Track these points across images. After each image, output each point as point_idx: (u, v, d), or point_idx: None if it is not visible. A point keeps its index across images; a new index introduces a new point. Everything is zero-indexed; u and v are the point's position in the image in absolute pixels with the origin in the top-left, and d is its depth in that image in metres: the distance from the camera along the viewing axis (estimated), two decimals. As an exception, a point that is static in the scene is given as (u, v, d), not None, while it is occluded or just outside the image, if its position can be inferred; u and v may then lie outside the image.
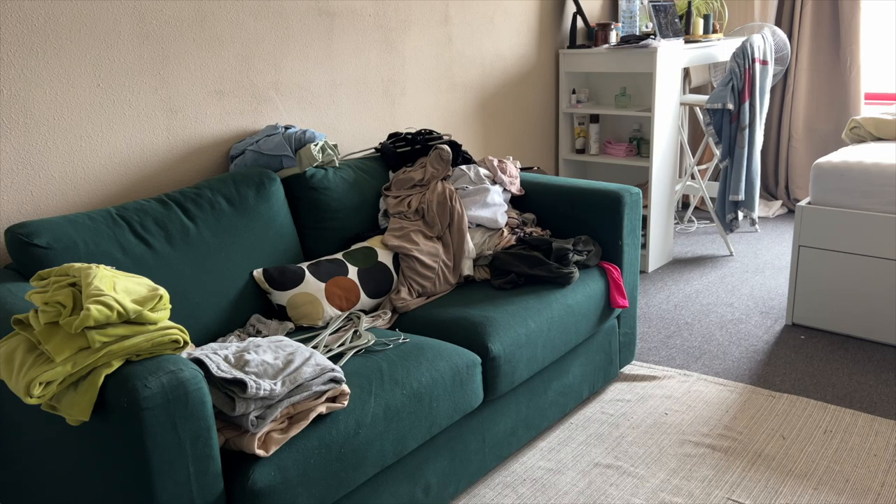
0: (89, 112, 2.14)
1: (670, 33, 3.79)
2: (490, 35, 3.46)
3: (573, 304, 2.32)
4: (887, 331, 2.90)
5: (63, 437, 1.53)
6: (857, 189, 2.87)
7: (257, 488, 1.49)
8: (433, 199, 2.54)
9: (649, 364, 2.86)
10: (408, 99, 3.11)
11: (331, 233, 2.45)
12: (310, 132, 2.48)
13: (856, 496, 2.06)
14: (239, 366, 1.58)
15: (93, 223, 1.94)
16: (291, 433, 1.57)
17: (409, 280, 2.36)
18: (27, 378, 1.37)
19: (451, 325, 2.13)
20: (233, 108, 2.49)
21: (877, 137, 3.36)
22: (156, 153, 2.31)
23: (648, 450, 2.31)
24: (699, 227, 4.62)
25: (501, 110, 3.62)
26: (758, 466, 2.20)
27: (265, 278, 2.17)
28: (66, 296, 1.42)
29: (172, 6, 2.27)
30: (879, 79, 4.49)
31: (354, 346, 1.94)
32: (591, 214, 2.60)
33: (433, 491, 1.98)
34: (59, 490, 1.63)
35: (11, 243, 1.85)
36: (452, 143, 2.72)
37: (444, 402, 1.88)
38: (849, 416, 2.44)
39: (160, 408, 1.35)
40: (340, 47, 2.79)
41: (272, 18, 2.54)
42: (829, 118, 4.48)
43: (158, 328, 1.44)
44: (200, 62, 2.37)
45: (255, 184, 2.27)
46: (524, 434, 2.28)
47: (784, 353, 2.90)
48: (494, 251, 2.52)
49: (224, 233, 2.15)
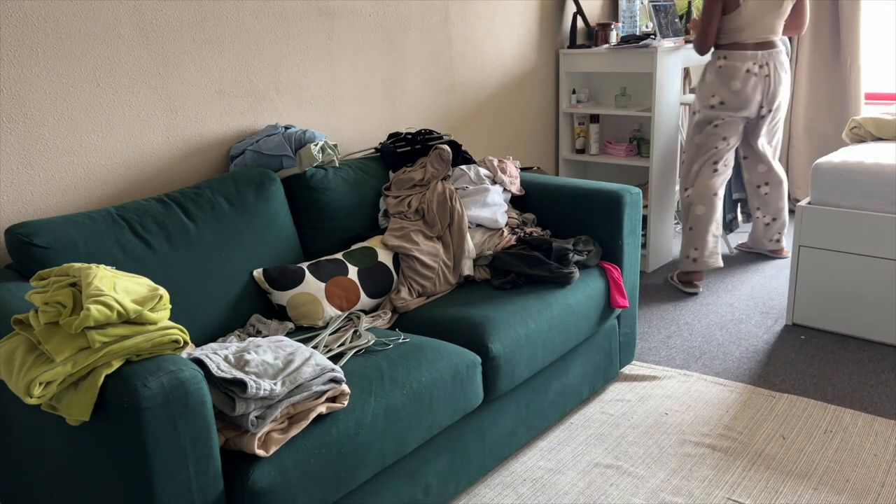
0: (89, 112, 2.14)
1: (670, 33, 3.79)
2: (490, 35, 3.46)
3: (573, 304, 2.32)
4: (887, 331, 2.90)
5: (63, 437, 1.53)
6: (857, 189, 2.87)
7: (257, 488, 1.49)
8: (433, 199, 2.54)
9: (649, 364, 2.86)
10: (408, 99, 3.11)
11: (331, 233, 2.46)
12: (310, 132, 2.48)
13: (856, 496, 2.06)
14: (239, 366, 1.58)
15: (93, 223, 1.94)
16: (291, 433, 1.57)
17: (409, 280, 2.36)
18: (27, 378, 1.37)
19: (451, 325, 2.13)
20: (233, 108, 2.49)
21: (877, 137, 3.36)
22: (156, 153, 2.31)
23: (648, 450, 2.31)
24: (699, 227, 4.62)
25: (501, 110, 3.62)
26: (758, 466, 2.20)
27: (265, 278, 2.17)
28: (66, 296, 1.42)
29: (172, 6, 2.27)
30: (879, 79, 4.48)
31: (354, 346, 1.94)
32: (591, 214, 2.60)
33: (433, 491, 1.98)
34: (59, 490, 1.63)
35: (11, 243, 1.85)
36: (452, 142, 2.72)
37: (444, 402, 1.88)
38: (849, 416, 2.44)
39: (160, 408, 1.35)
40: (340, 47, 2.79)
41: (272, 18, 2.54)
42: (829, 118, 4.48)
43: (158, 328, 1.44)
44: (200, 62, 2.37)
45: (255, 184, 2.27)
46: (524, 434, 2.28)
47: (784, 353, 2.90)
48: (494, 251, 2.52)
49: (224, 233, 2.15)
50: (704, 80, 3.41)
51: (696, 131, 3.47)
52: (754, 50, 3.31)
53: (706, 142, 3.43)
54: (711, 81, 3.37)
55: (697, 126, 3.46)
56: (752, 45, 3.30)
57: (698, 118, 3.45)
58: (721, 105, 3.35)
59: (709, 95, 3.38)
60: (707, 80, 3.39)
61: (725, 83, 3.32)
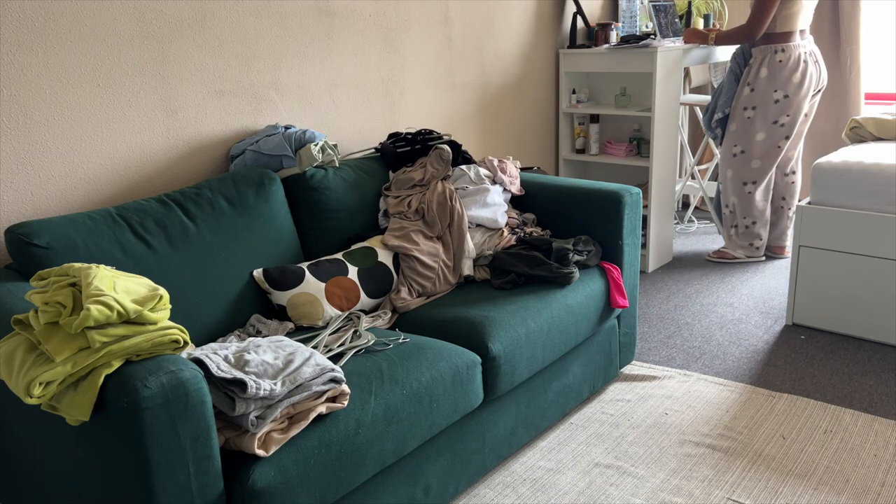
0: (89, 112, 2.14)
1: (670, 33, 3.79)
2: (490, 35, 3.46)
3: (573, 304, 2.32)
4: (887, 331, 2.90)
5: (63, 437, 1.53)
6: (857, 189, 2.87)
7: (257, 488, 1.49)
8: (433, 199, 2.54)
9: (649, 364, 2.86)
10: (408, 99, 3.11)
11: (331, 233, 2.45)
12: (310, 132, 2.48)
13: (856, 496, 2.06)
14: (239, 366, 1.58)
15: (93, 223, 1.94)
16: (291, 433, 1.57)
17: (409, 280, 2.36)
18: (27, 378, 1.37)
19: (451, 325, 2.13)
20: (233, 108, 2.49)
21: (877, 137, 3.36)
22: (156, 153, 2.31)
23: (648, 450, 2.31)
24: (699, 227, 4.62)
25: (501, 110, 3.62)
26: (758, 466, 2.20)
27: (265, 278, 2.17)
28: (66, 296, 1.42)
29: (172, 6, 2.27)
30: (879, 79, 4.48)
31: (354, 346, 1.94)
32: (591, 214, 2.60)
33: (433, 491, 1.98)
34: (59, 490, 1.63)
35: (11, 243, 1.85)
36: (452, 143, 2.73)
37: (444, 402, 1.88)
38: (849, 416, 2.44)
39: (160, 408, 1.35)
40: (340, 47, 2.79)
41: (272, 18, 2.54)
42: (829, 118, 4.48)
43: (158, 328, 1.44)
44: (200, 62, 2.37)
45: (255, 184, 2.27)
46: (524, 434, 2.28)
47: (784, 353, 2.90)
48: (494, 251, 2.52)
49: (224, 233, 2.15)
50: (759, 77, 3.36)
51: (759, 128, 3.44)
52: (800, 38, 3.29)
53: (772, 140, 3.42)
54: (771, 77, 3.32)
55: (760, 122, 3.43)
56: (800, 33, 3.28)
57: (755, 115, 3.42)
58: (785, 99, 3.33)
59: (771, 91, 3.33)
60: (764, 76, 3.34)
61: (789, 76, 3.29)
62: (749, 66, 3.51)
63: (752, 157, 3.61)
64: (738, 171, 3.68)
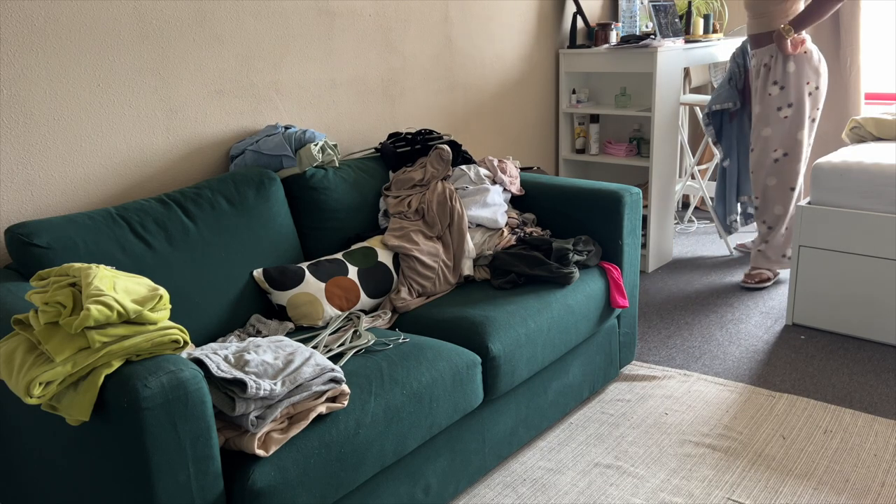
0: (89, 112, 2.14)
1: (670, 33, 3.79)
2: (490, 35, 3.46)
3: (573, 304, 2.32)
4: (887, 331, 2.90)
5: (63, 437, 1.53)
6: (857, 189, 2.87)
7: (257, 488, 1.49)
8: (433, 199, 2.54)
9: (649, 364, 2.86)
10: (408, 99, 3.11)
11: (331, 233, 2.46)
12: (310, 132, 2.48)
13: (856, 496, 2.06)
14: (239, 366, 1.58)
15: (93, 223, 1.94)
16: (291, 433, 1.57)
17: (409, 280, 2.36)
18: (27, 378, 1.37)
19: (450, 325, 2.13)
20: (233, 108, 2.49)
21: (877, 137, 3.35)
22: (156, 153, 2.31)
23: (648, 450, 2.31)
24: (699, 227, 4.62)
25: (501, 110, 3.62)
26: (758, 466, 2.20)
27: (265, 278, 2.17)
28: (66, 296, 1.42)
29: (172, 6, 2.27)
30: (879, 79, 4.48)
31: (354, 346, 1.94)
32: (591, 214, 2.60)
33: (433, 491, 1.98)
34: (59, 490, 1.63)
35: (11, 243, 1.85)
36: (452, 142, 2.73)
37: (444, 402, 1.88)
38: (849, 416, 2.44)
39: (160, 408, 1.35)
40: (340, 47, 2.79)
41: (272, 18, 2.54)
42: (829, 118, 4.48)
43: (158, 328, 1.44)
44: (200, 62, 2.37)
45: (255, 184, 2.27)
46: (524, 434, 2.28)
47: (784, 353, 2.90)
48: (494, 251, 2.52)
49: (224, 233, 2.15)
50: (788, 72, 3.27)
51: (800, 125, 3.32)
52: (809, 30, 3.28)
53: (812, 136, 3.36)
54: (800, 70, 3.25)
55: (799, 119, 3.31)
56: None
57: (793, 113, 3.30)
58: (816, 90, 3.29)
59: (803, 84, 3.26)
60: (793, 71, 3.25)
61: (815, 68, 3.27)
62: (768, 67, 3.34)
63: (797, 159, 3.36)
64: (785, 177, 3.39)
